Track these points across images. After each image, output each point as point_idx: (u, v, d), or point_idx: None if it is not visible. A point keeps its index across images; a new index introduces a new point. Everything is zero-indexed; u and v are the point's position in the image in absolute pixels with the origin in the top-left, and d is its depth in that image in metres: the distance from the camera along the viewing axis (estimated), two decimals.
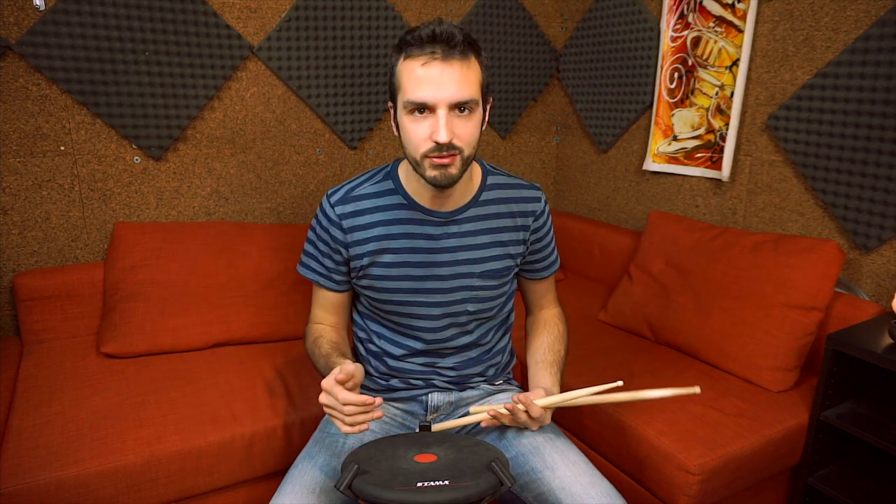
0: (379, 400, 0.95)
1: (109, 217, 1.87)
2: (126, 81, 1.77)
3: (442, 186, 1.04)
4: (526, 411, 1.07)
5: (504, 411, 1.08)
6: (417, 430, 1.11)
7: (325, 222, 1.15)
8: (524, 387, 1.68)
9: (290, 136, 2.09)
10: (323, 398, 0.96)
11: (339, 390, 0.93)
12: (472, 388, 1.27)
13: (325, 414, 1.26)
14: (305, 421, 1.46)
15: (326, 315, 1.24)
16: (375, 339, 1.23)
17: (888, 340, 1.38)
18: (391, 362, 1.21)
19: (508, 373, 1.35)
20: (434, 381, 1.22)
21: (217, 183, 2.01)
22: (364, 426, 0.94)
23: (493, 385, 1.30)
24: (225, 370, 1.62)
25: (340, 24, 2.03)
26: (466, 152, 1.02)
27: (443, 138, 0.97)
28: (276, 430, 1.43)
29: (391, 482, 0.85)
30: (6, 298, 1.78)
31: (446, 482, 0.85)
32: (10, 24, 1.63)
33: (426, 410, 1.24)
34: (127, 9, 1.71)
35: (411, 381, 1.22)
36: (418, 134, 1.00)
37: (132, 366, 1.62)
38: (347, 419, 0.94)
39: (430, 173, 1.02)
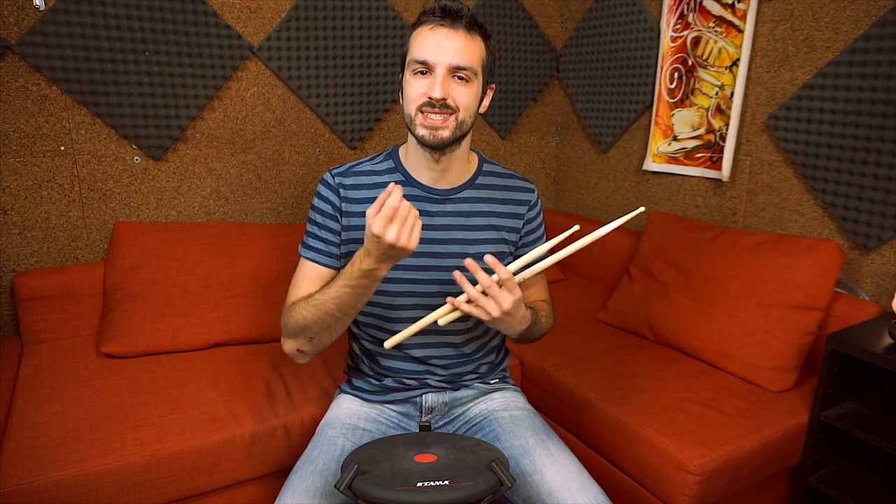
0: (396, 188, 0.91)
1: (109, 217, 1.87)
2: (126, 81, 1.77)
3: (432, 147, 1.08)
4: (498, 283, 1.00)
5: (473, 292, 0.99)
6: (417, 431, 1.11)
7: (323, 191, 1.17)
8: (522, 388, 1.68)
9: (290, 136, 2.09)
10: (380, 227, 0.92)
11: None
12: (467, 386, 1.27)
13: (322, 416, 1.26)
14: (305, 421, 1.46)
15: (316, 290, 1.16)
16: (367, 336, 1.23)
17: (888, 340, 1.38)
18: (384, 361, 1.21)
19: (503, 370, 1.34)
20: (428, 381, 1.22)
21: (217, 183, 2.01)
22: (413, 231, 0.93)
23: (489, 384, 1.29)
24: (225, 370, 1.62)
25: (340, 24, 2.03)
26: (461, 115, 1.07)
27: (437, 93, 1.03)
28: (276, 430, 1.43)
29: (391, 482, 0.85)
30: (6, 298, 1.78)
31: (446, 482, 0.85)
32: (10, 24, 1.63)
33: (421, 412, 1.23)
34: (127, 9, 1.71)
35: (405, 380, 1.22)
36: (416, 90, 1.06)
37: (132, 366, 1.62)
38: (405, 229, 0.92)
39: (420, 131, 1.07)
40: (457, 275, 1.01)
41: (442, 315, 1.04)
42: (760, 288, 1.63)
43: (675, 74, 2.08)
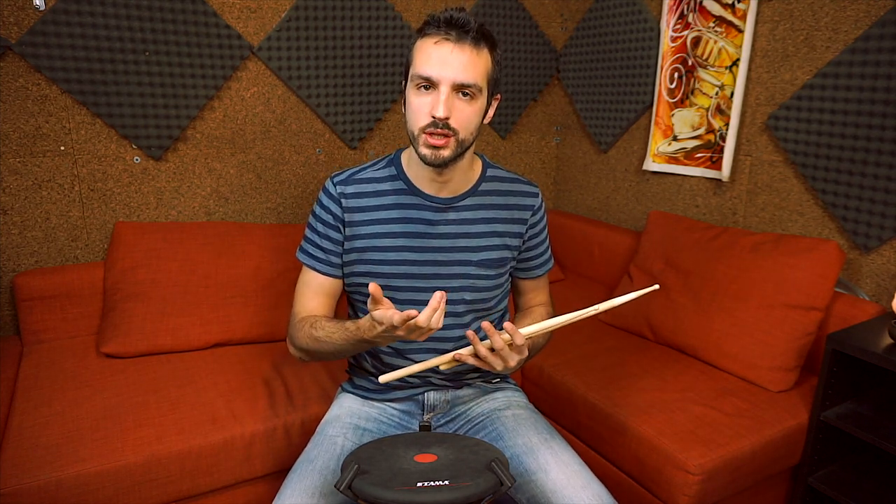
0: (413, 312, 0.90)
1: (109, 217, 1.87)
2: (126, 81, 1.77)
3: (433, 165, 1.07)
4: (510, 343, 1.01)
5: (482, 351, 1.00)
6: (417, 430, 1.11)
7: (325, 200, 1.17)
8: (523, 387, 1.68)
9: (290, 136, 2.09)
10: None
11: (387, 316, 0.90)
12: (469, 385, 1.27)
13: (322, 416, 1.26)
14: (305, 421, 1.46)
15: (319, 302, 1.20)
16: None
17: (888, 340, 1.38)
18: (387, 359, 1.21)
19: None
20: (430, 379, 1.22)
21: (217, 183, 2.01)
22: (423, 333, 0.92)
23: (490, 383, 1.30)
24: (225, 370, 1.62)
25: (340, 24, 2.03)
26: (462, 136, 1.05)
27: (440, 113, 1.01)
28: (276, 430, 1.43)
29: (391, 482, 0.85)
30: (6, 298, 1.78)
31: (446, 482, 0.84)
32: (10, 24, 1.63)
33: (423, 410, 1.24)
34: (127, 9, 1.71)
35: (407, 378, 1.22)
36: (419, 108, 1.04)
37: (132, 366, 1.62)
38: (413, 336, 0.92)
39: (423, 151, 1.06)
40: (470, 334, 1.01)
41: (444, 362, 1.05)
42: (760, 288, 1.63)
43: (675, 74, 2.08)
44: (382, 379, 1.04)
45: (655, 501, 1.40)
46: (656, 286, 1.03)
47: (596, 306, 1.02)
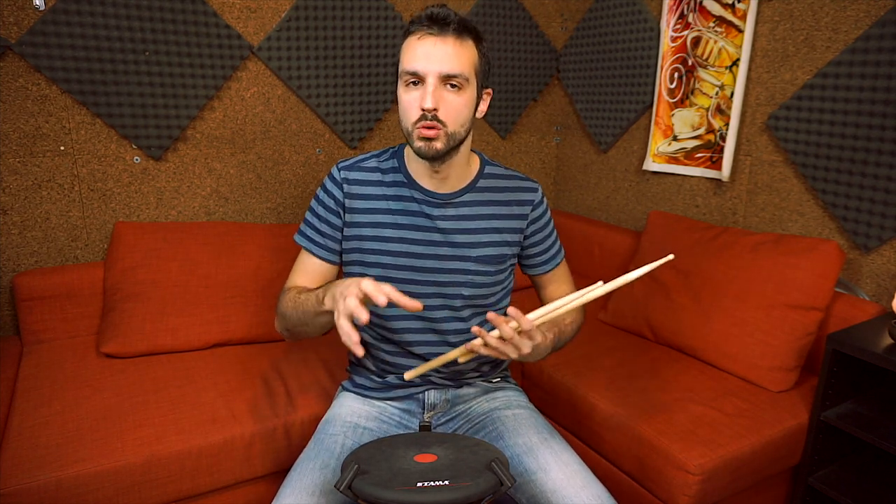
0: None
1: (109, 217, 1.87)
2: (126, 81, 1.77)
3: (428, 158, 1.08)
4: (518, 330, 0.97)
5: (492, 341, 0.96)
6: (417, 430, 1.11)
7: (329, 185, 1.18)
8: (523, 387, 1.68)
9: (290, 136, 2.09)
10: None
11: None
12: (469, 384, 1.27)
13: (322, 416, 1.26)
14: (305, 421, 1.46)
15: (308, 283, 1.20)
16: (369, 332, 1.23)
17: (888, 340, 1.38)
18: (390, 358, 1.22)
19: (505, 370, 1.35)
20: (430, 378, 1.22)
21: (217, 183, 2.01)
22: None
23: (491, 383, 1.30)
24: (225, 370, 1.62)
25: (340, 24, 2.03)
26: (451, 128, 1.06)
27: (427, 104, 1.02)
28: (276, 430, 1.43)
29: (391, 482, 0.85)
30: (6, 298, 1.78)
31: (446, 482, 0.84)
32: (10, 24, 1.63)
33: (423, 409, 1.24)
34: (127, 9, 1.71)
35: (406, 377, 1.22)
36: (410, 104, 1.05)
37: (132, 366, 1.62)
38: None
39: (417, 144, 1.06)
40: (476, 329, 0.98)
41: (461, 354, 1.03)
42: (760, 288, 1.63)
43: (675, 74, 2.08)
44: (407, 376, 1.03)
45: (655, 501, 1.39)
46: (671, 256, 0.97)
47: (611, 283, 0.96)
